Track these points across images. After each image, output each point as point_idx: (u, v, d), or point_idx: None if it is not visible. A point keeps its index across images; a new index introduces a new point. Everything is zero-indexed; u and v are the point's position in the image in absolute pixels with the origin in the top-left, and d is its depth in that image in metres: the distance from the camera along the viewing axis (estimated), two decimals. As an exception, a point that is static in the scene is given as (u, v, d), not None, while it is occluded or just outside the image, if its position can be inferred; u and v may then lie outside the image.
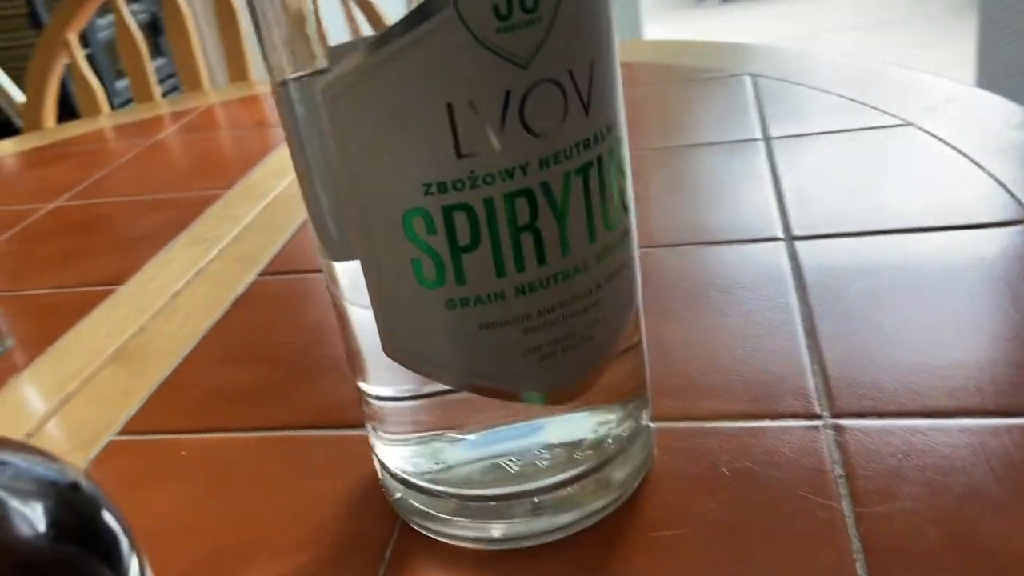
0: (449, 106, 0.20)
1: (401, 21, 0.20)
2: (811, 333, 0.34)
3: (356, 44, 0.21)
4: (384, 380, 0.26)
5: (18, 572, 0.11)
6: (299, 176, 0.24)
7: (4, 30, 2.03)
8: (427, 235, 0.22)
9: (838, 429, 0.29)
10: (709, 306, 0.37)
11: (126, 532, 0.13)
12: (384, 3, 0.20)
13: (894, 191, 0.44)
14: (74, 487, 0.13)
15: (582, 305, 0.23)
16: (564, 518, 0.26)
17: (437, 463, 0.26)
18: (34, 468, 0.13)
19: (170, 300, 0.46)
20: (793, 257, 0.40)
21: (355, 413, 0.32)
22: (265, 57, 0.23)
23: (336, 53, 0.21)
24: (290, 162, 0.24)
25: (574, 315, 0.23)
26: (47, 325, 0.45)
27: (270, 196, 0.58)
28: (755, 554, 0.25)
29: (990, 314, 0.34)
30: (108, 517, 0.13)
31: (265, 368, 0.38)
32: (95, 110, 0.96)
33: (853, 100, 0.56)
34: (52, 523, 0.12)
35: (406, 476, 0.27)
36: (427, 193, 0.21)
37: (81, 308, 0.46)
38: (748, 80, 0.63)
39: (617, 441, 0.27)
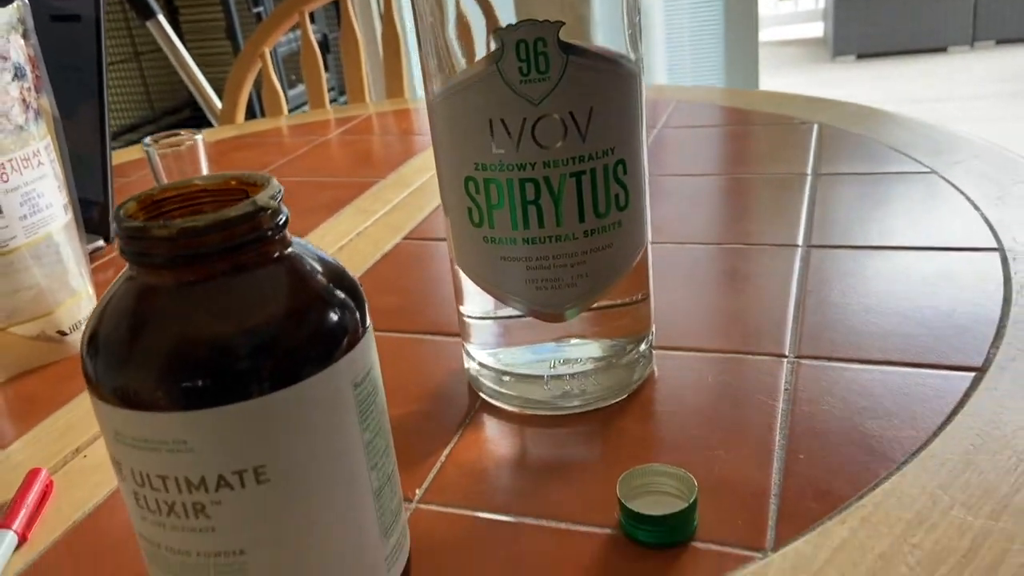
0: (490, 121, 0.34)
1: (467, 68, 0.34)
2: (799, 305, 0.46)
3: (451, 79, 0.35)
4: (475, 304, 0.40)
5: (327, 293, 0.26)
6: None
7: (208, 40, 2.34)
8: (475, 194, 0.36)
9: (796, 364, 0.41)
10: (731, 285, 0.50)
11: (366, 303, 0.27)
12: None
13: (901, 221, 0.55)
14: (340, 270, 0.28)
15: (569, 262, 0.37)
16: (586, 396, 0.40)
17: (504, 359, 0.40)
18: (331, 260, 0.28)
19: (339, 250, 0.62)
20: (804, 259, 0.52)
21: (454, 328, 0.46)
22: (424, 79, 0.38)
23: (438, 81, 0.36)
24: (428, 163, 0.39)
25: (561, 267, 0.37)
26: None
27: (414, 186, 0.74)
28: (716, 425, 0.38)
29: (933, 308, 0.45)
30: (360, 290, 0.27)
31: (403, 298, 0.53)
32: (277, 111, 1.16)
33: (895, 149, 0.67)
34: (341, 280, 0.27)
35: (482, 362, 0.41)
36: (476, 168, 0.36)
37: (274, 249, 0.63)
38: (816, 127, 0.75)
39: (625, 358, 0.40)
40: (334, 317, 0.26)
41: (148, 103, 2.42)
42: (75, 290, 0.51)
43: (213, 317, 0.24)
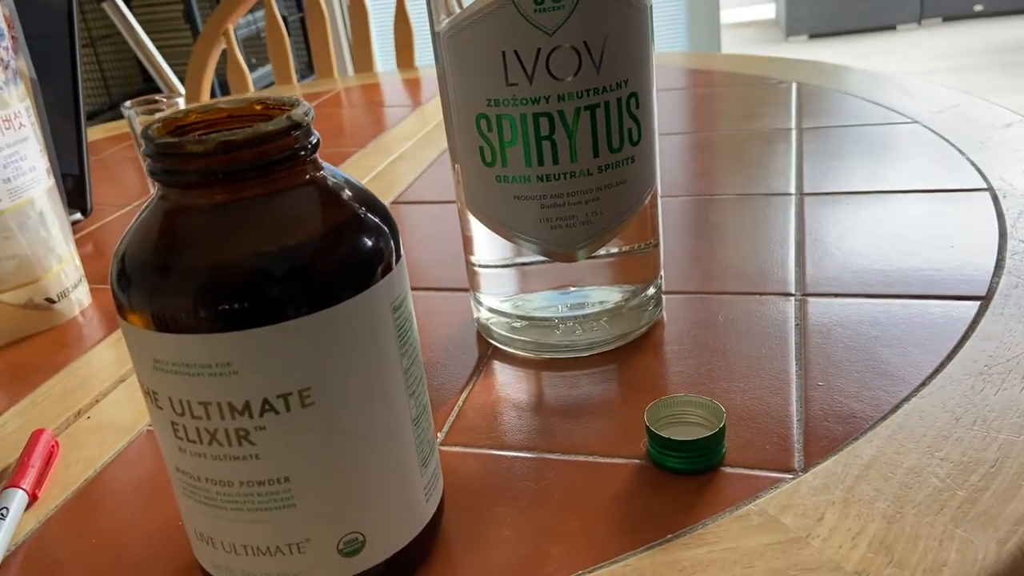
0: (503, 53, 0.34)
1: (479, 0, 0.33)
2: (799, 247, 0.47)
3: (460, 12, 0.35)
4: (486, 251, 0.40)
5: (363, 216, 0.25)
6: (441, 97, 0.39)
7: (165, 30, 2.29)
8: (487, 132, 0.36)
9: (802, 301, 0.42)
10: (728, 233, 0.50)
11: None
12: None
13: (890, 168, 0.56)
14: (371, 196, 0.27)
15: (583, 198, 0.36)
16: (597, 339, 0.39)
17: (516, 304, 0.40)
18: (361, 186, 0.27)
19: (326, 214, 0.61)
20: (799, 206, 0.52)
21: (459, 284, 0.45)
22: (430, 16, 0.37)
23: (446, 16, 0.35)
24: (408, 131, 0.38)
25: (576, 203, 0.36)
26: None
27: (396, 153, 0.73)
28: (731, 359, 0.38)
29: (931, 246, 0.45)
30: (391, 216, 0.27)
31: (399, 257, 0.53)
32: (244, 89, 1.14)
33: (875, 103, 0.68)
34: (373, 205, 0.26)
35: (493, 308, 0.41)
36: (488, 104, 0.35)
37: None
38: (795, 86, 0.75)
39: (635, 302, 0.40)
40: (372, 239, 0.25)
41: (105, 90, 2.36)
42: (61, 256, 0.50)
43: (253, 237, 0.23)
